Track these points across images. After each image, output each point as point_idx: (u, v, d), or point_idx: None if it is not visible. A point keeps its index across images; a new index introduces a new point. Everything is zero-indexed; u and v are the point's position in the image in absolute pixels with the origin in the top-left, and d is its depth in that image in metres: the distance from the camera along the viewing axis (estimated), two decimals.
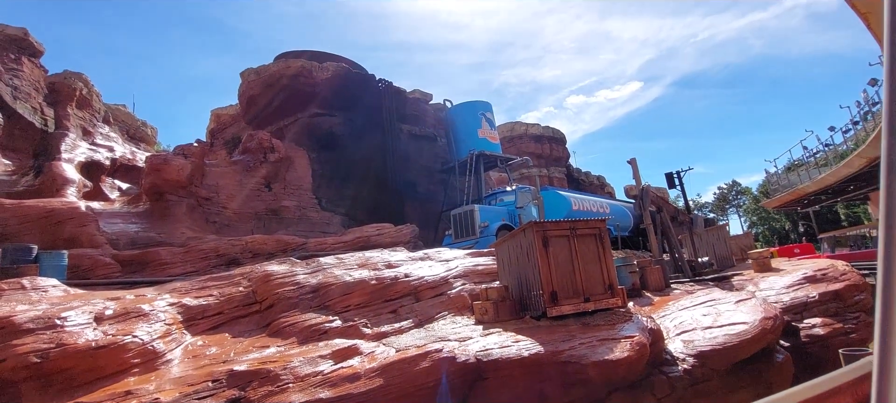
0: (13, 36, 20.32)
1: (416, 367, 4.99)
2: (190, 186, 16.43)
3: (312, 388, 4.82)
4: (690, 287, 11.49)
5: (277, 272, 8.65)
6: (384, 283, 8.17)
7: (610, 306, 6.98)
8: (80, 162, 19.05)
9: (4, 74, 17.95)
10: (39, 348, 5.12)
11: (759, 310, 6.85)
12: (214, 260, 12.31)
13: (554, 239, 6.99)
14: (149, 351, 5.81)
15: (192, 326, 7.10)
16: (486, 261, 9.67)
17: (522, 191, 17.88)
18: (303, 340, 6.58)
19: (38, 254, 9.03)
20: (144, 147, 27.88)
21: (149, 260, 11.65)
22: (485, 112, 24.66)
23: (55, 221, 12.29)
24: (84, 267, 10.41)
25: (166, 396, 4.60)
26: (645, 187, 14.53)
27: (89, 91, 22.92)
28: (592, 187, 39.94)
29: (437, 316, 7.46)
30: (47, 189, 15.84)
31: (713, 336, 6.37)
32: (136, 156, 23.68)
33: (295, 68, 22.26)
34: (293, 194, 19.66)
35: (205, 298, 7.77)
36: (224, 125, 29.76)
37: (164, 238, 13.93)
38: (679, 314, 7.80)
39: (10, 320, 5.34)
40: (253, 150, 19.76)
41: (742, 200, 63.45)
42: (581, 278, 6.98)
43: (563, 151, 42.21)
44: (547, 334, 5.74)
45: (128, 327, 6.07)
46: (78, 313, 5.96)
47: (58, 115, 20.23)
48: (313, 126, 22.18)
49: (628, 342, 5.28)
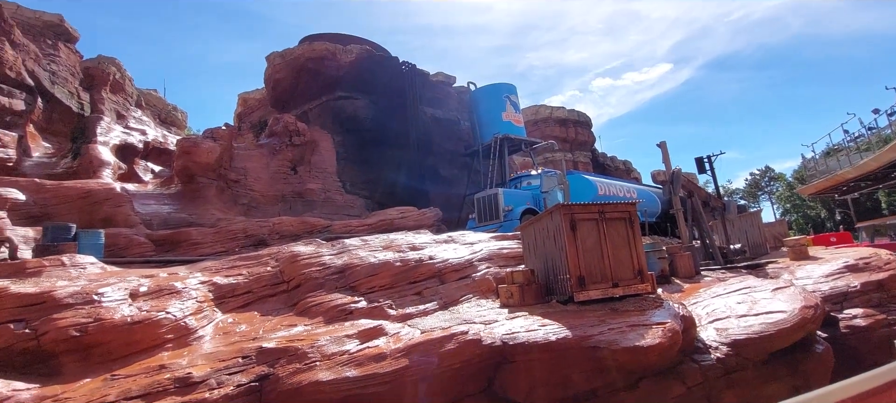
0: (50, 22, 20.98)
1: (442, 348, 4.97)
2: (219, 169, 16.79)
3: (339, 367, 4.86)
4: (722, 274, 11.12)
5: (304, 253, 8.77)
6: (409, 265, 8.17)
7: (639, 292, 6.80)
8: (115, 144, 19.68)
9: (42, 59, 18.59)
10: (78, 322, 5.31)
11: (799, 299, 6.55)
12: (243, 240, 12.58)
13: (582, 222, 6.82)
14: (181, 327, 5.98)
15: (223, 304, 7.27)
16: (511, 245, 9.57)
17: (548, 175, 17.59)
18: (329, 320, 6.66)
19: (77, 233, 9.39)
20: (175, 131, 28.60)
21: (180, 240, 11.99)
22: (509, 94, 24.26)
23: (92, 202, 12.75)
24: (120, 246, 10.79)
25: (198, 371, 4.71)
26: (676, 171, 14.05)
27: (122, 75, 23.55)
28: (618, 172, 39.07)
29: (462, 299, 7.42)
30: (84, 171, 16.44)
31: (748, 325, 6.13)
32: (167, 140, 24.32)
33: (319, 51, 22.32)
34: (318, 177, 19.89)
35: (234, 277, 7.94)
36: (251, 109, 30.23)
37: (195, 219, 14.32)
38: (711, 301, 7.54)
39: (51, 295, 5.56)
40: (279, 133, 20.02)
41: (775, 187, 61.05)
42: (610, 263, 6.80)
43: (588, 135, 41.36)
44: (574, 318, 5.63)
45: (161, 303, 6.25)
46: (114, 289, 6.16)
47: (93, 99, 20.89)
48: (337, 109, 22.28)
49: (660, 328, 5.13)
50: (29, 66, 17.13)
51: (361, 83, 22.71)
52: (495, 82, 24.92)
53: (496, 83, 24.86)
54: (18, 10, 19.87)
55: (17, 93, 15.98)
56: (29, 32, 19.12)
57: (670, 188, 14.16)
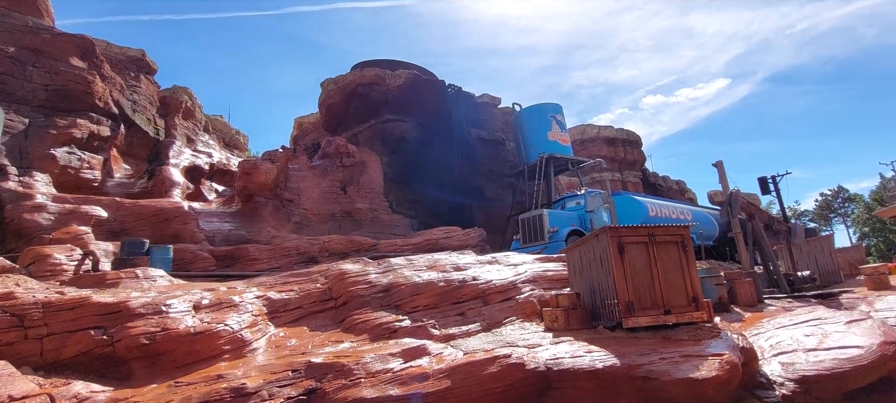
0: (133, 57, 23.28)
1: (484, 371, 4.95)
2: (275, 188, 17.74)
3: (383, 384, 4.96)
4: (788, 303, 10.33)
5: (351, 271, 9.04)
6: (452, 285, 8.22)
7: (694, 320, 6.47)
8: (185, 166, 21.30)
9: (126, 90, 20.59)
10: (148, 331, 5.77)
11: (877, 333, 5.98)
12: (296, 257, 13.15)
13: (630, 245, 6.62)
14: (238, 339, 6.32)
15: (275, 318, 7.62)
16: (556, 267, 9.40)
17: (592, 195, 17.15)
18: (374, 337, 6.81)
19: (149, 248, 10.22)
20: (237, 153, 30.54)
21: (239, 256, 12.72)
22: (555, 114, 24.06)
23: (163, 219, 13.83)
24: (186, 260, 11.61)
25: (252, 382, 4.96)
26: (733, 192, 13.30)
27: (193, 103, 25.58)
28: (671, 192, 37.37)
29: (505, 321, 7.36)
30: (157, 190, 17.89)
31: (818, 360, 5.66)
32: (230, 162, 26.02)
33: (369, 76, 23.25)
34: (366, 197, 20.50)
35: (286, 293, 8.32)
36: (306, 132, 31.82)
37: (253, 236, 15.15)
38: (776, 332, 7.03)
39: (126, 305, 6.07)
40: (331, 155, 20.91)
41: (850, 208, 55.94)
42: (660, 288, 6.53)
43: (638, 154, 39.98)
44: (623, 346, 5.43)
45: (221, 316, 6.65)
46: (180, 301, 6.64)
47: (167, 125, 22.81)
48: (385, 131, 22.99)
49: (717, 360, 4.85)
50: (115, 96, 19.05)
51: (408, 106, 23.36)
52: (541, 102, 24.82)
53: (541, 103, 24.75)
54: (108, 47, 22.23)
55: (104, 121, 17.77)
56: (116, 66, 21.30)
57: (728, 210, 13.41)
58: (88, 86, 17.14)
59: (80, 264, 9.21)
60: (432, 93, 24.19)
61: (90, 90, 17.18)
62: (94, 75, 17.63)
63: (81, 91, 16.94)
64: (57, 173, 14.71)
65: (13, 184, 12.84)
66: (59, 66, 16.62)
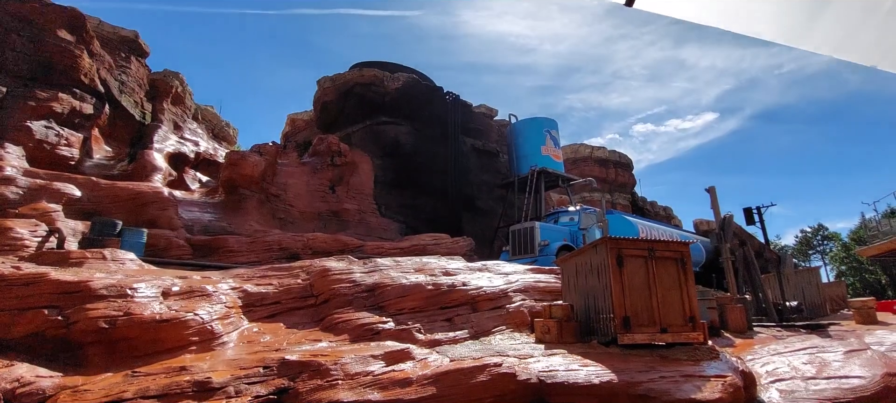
0: (126, 37, 22.62)
1: (473, 380, 4.59)
2: (262, 182, 17.21)
3: (362, 388, 4.57)
4: (777, 332, 10.17)
5: (335, 268, 8.63)
6: (441, 290, 7.86)
7: (691, 340, 6.20)
8: (169, 152, 20.63)
9: (115, 70, 19.95)
10: (109, 314, 5.29)
11: (879, 365, 5.76)
12: (277, 252, 12.65)
13: (629, 258, 6.35)
14: (207, 331, 5.87)
15: (250, 312, 7.16)
16: (548, 279, 9.10)
17: (586, 213, 16.98)
18: (355, 338, 6.40)
19: (122, 230, 9.67)
20: (226, 145, 29.82)
21: (218, 247, 12.18)
22: (550, 129, 23.98)
23: (141, 203, 13.24)
24: (160, 247, 11.05)
25: (218, 376, 4.53)
26: (727, 217, 13.19)
27: (183, 89, 24.94)
28: (658, 217, 37.51)
29: (494, 330, 7.01)
30: (138, 174, 17.23)
31: (819, 389, 5.41)
32: (217, 153, 25.34)
33: (368, 76, 22.96)
34: (355, 198, 20.06)
35: (264, 286, 7.86)
36: (298, 129, 31.27)
37: (234, 228, 14.60)
38: (771, 359, 6.79)
39: (87, 285, 5.59)
40: (322, 153, 20.46)
41: (828, 246, 56.91)
42: (658, 305, 6.26)
43: (629, 177, 40.22)
44: (620, 362, 5.12)
45: (191, 305, 6.19)
46: (148, 286, 6.17)
47: (154, 109, 22.14)
48: (380, 133, 22.64)
49: (719, 381, 4.56)
50: (102, 74, 18.41)
51: (405, 110, 23.07)
52: (537, 116, 24.74)
53: (537, 117, 24.67)
54: (100, 25, 21.57)
55: (87, 98, 17.11)
56: (107, 45, 20.65)
57: (720, 235, 13.28)
58: (75, 60, 16.52)
59: (45, 241, 8.64)
60: (430, 99, 23.97)
61: (76, 65, 16.56)
62: (81, 50, 17.02)
63: (67, 64, 16.31)
64: (31, 147, 14.03)
65: None
66: (45, 37, 16.00)
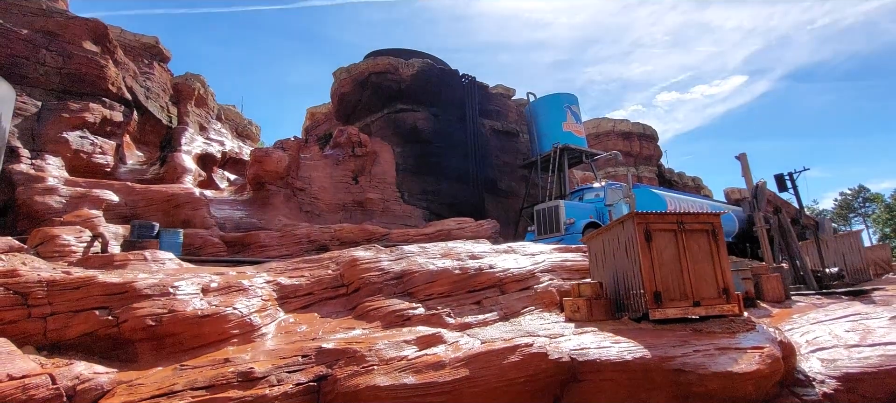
0: (147, 44, 23.25)
1: (505, 360, 4.66)
2: (287, 177, 17.57)
3: (397, 372, 4.69)
4: (817, 300, 9.88)
5: (363, 257, 8.80)
6: (468, 273, 7.93)
7: (725, 313, 6.09)
8: (196, 154, 21.25)
9: (139, 76, 20.56)
10: (155, 312, 5.57)
11: None
12: (306, 245, 12.96)
13: (658, 232, 6.26)
14: (246, 324, 6.10)
15: (285, 304, 7.40)
16: (575, 257, 9.05)
17: (612, 188, 16.71)
18: (386, 325, 6.55)
19: (159, 231, 10.08)
20: (249, 143, 30.50)
21: (250, 243, 12.56)
22: (570, 105, 23.54)
23: (174, 204, 13.73)
24: (196, 245, 11.47)
25: (260, 366, 4.73)
26: (760, 184, 12.81)
27: (205, 91, 25.53)
28: (687, 189, 36.58)
29: (523, 311, 7.05)
30: (170, 176, 17.83)
31: (863, 357, 5.27)
32: (242, 151, 25.95)
33: (382, 65, 22.96)
34: (378, 187, 20.27)
35: (297, 278, 8.09)
36: (318, 122, 31.67)
37: (264, 223, 15.00)
38: (811, 328, 6.63)
39: (133, 285, 5.88)
40: (343, 145, 20.69)
41: (871, 208, 54.41)
42: (690, 278, 6.16)
43: (654, 149, 39.23)
44: (652, 337, 5.10)
45: (229, 299, 6.44)
46: (188, 284, 6.44)
47: (179, 112, 22.78)
48: (398, 121, 22.70)
49: (756, 353, 4.49)
50: (128, 82, 19.01)
51: (422, 95, 23.02)
52: (556, 92, 24.29)
53: (556, 93, 24.21)
54: (122, 34, 22.21)
55: (116, 106, 17.74)
56: (129, 53, 21.28)
57: (753, 203, 12.90)
58: (101, 70, 17.10)
59: (89, 246, 9.09)
60: (445, 83, 23.82)
61: (103, 74, 17.14)
62: (106, 60, 17.59)
63: (94, 75, 16.90)
64: (69, 157, 14.68)
65: (25, 166, 12.80)
66: (72, 50, 16.58)
